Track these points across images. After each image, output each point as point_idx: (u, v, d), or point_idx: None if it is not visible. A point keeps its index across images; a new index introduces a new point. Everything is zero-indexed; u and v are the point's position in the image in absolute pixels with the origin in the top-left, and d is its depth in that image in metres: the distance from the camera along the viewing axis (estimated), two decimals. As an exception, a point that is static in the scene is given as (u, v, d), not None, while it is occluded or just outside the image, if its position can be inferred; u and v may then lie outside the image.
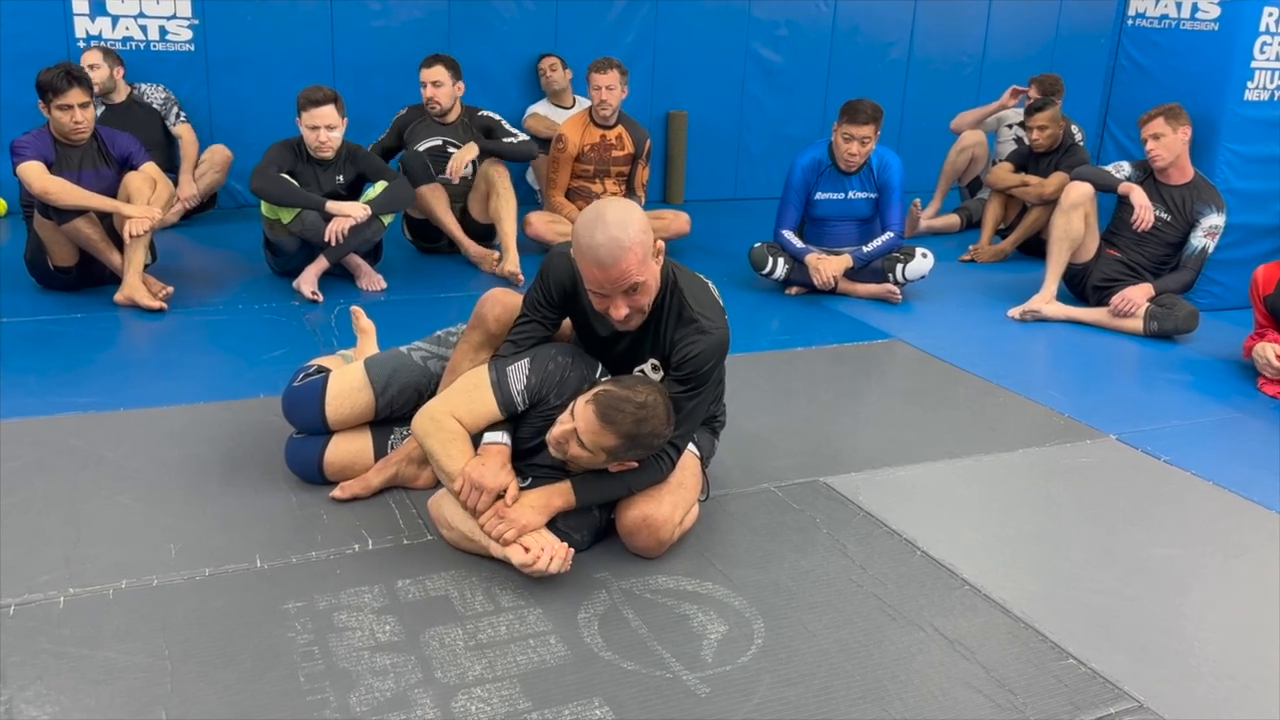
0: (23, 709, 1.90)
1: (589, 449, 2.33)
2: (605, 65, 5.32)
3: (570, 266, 2.49)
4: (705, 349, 2.43)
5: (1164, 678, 2.18)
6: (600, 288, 2.32)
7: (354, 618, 2.23)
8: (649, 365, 2.56)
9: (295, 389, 2.82)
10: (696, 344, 2.42)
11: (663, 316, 2.49)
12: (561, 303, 2.58)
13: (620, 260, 2.26)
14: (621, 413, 2.29)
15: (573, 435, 2.33)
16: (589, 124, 5.40)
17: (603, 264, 2.27)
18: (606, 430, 2.29)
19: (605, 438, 2.30)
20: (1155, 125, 4.55)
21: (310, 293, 4.49)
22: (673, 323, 2.48)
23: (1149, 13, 5.14)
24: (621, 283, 2.30)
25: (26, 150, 4.13)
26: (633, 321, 2.42)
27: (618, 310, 2.35)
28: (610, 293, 2.32)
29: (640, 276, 2.30)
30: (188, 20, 5.89)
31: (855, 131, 4.73)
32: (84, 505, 2.64)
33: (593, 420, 2.30)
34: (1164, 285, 4.64)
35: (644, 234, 2.30)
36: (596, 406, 2.30)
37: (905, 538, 2.70)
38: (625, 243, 2.26)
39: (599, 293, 2.34)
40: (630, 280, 2.29)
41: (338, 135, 4.50)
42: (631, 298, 2.34)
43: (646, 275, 2.33)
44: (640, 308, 2.39)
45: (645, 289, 2.35)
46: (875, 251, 4.87)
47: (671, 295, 2.48)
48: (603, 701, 2.01)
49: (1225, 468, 3.24)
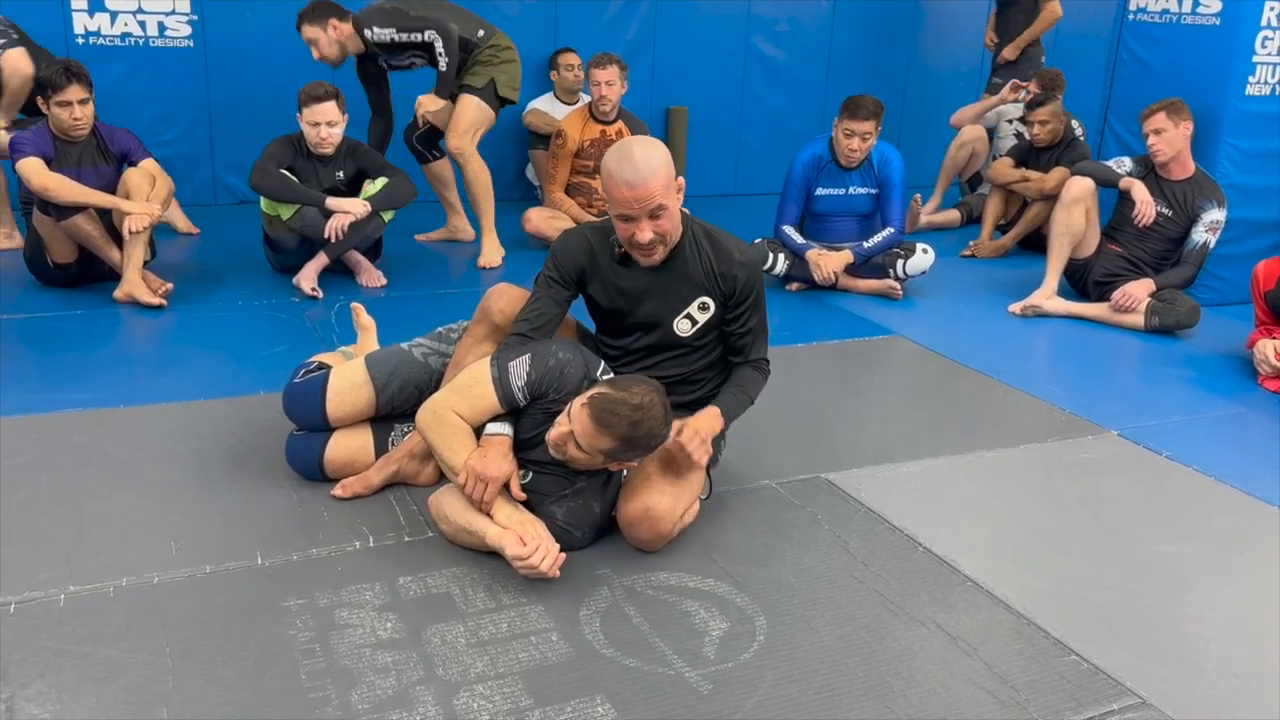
0: (24, 707, 1.90)
1: (586, 451, 2.33)
2: (605, 60, 5.30)
3: (585, 241, 2.68)
4: (753, 270, 2.68)
5: (1166, 674, 2.18)
6: (628, 208, 2.45)
7: (355, 615, 2.22)
8: (696, 306, 2.67)
9: (296, 385, 2.81)
10: (745, 269, 2.65)
11: (689, 257, 2.64)
12: (577, 278, 2.68)
13: (648, 180, 2.42)
14: (617, 415, 2.29)
15: (570, 438, 2.33)
16: (589, 119, 5.39)
17: (631, 183, 2.42)
18: (603, 433, 2.29)
19: (602, 440, 2.30)
20: (1157, 120, 4.54)
21: (310, 289, 4.49)
22: (707, 260, 2.64)
23: (1150, 7, 5.13)
24: (648, 202, 2.44)
25: (25, 146, 4.13)
26: (657, 253, 2.56)
27: (643, 232, 2.48)
28: (638, 214, 2.46)
29: (664, 200, 2.46)
30: (186, 16, 5.87)
31: (856, 127, 4.72)
32: (84, 502, 2.64)
33: (588, 424, 2.30)
34: (1165, 280, 4.63)
35: (667, 163, 2.48)
36: (592, 410, 2.30)
37: (907, 534, 2.70)
38: (653, 163, 2.44)
39: (626, 215, 2.47)
40: (655, 200, 2.44)
41: (338, 132, 4.49)
42: (656, 221, 2.48)
43: (670, 201, 2.48)
44: (663, 234, 2.52)
45: (669, 215, 2.50)
46: (875, 247, 4.87)
47: (695, 237, 2.65)
48: (605, 698, 2.01)
49: (1227, 463, 3.24)
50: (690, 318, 2.68)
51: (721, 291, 2.66)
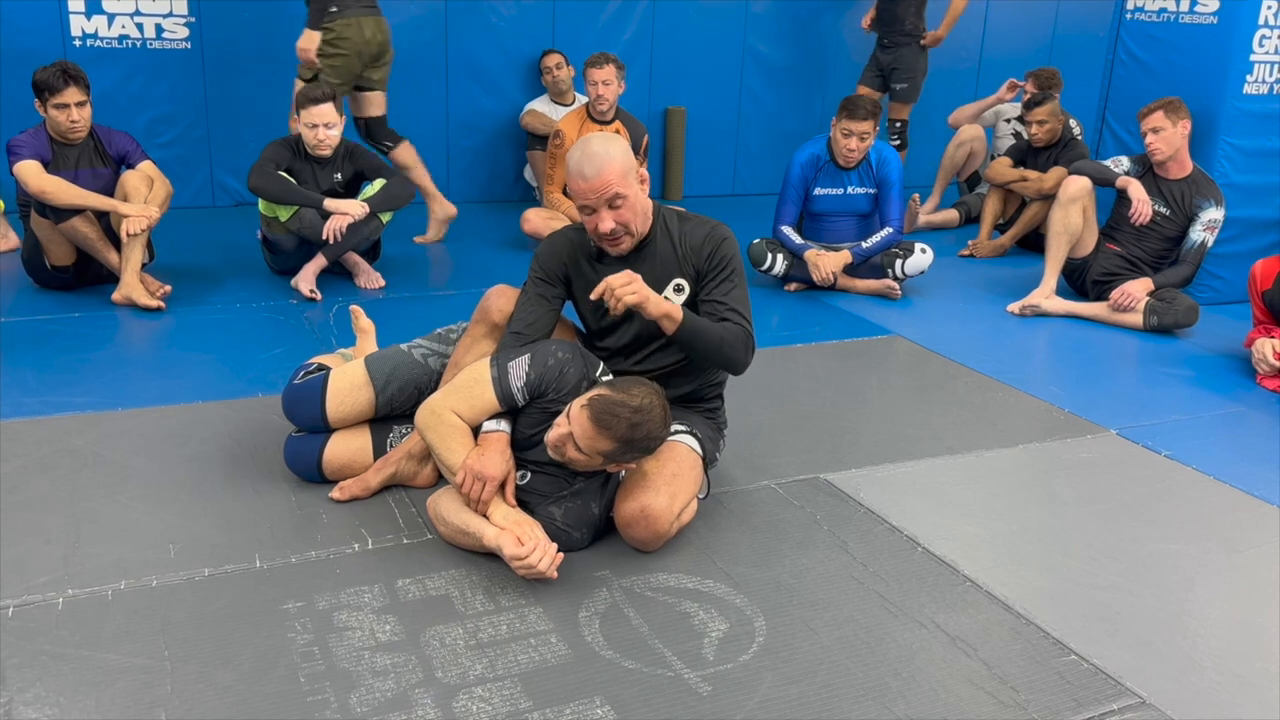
0: (22, 711, 1.90)
1: (585, 453, 2.33)
2: (601, 60, 5.30)
3: (566, 240, 2.71)
4: (728, 239, 2.67)
5: (1166, 674, 2.18)
6: (585, 198, 2.50)
7: (354, 617, 2.22)
8: (671, 288, 2.66)
9: (295, 387, 2.81)
10: (719, 239, 2.65)
11: (660, 244, 2.65)
12: (562, 276, 2.70)
13: (602, 170, 2.46)
14: (617, 417, 2.28)
15: (569, 439, 2.33)
16: (586, 119, 5.39)
17: (585, 175, 2.47)
18: (602, 435, 2.29)
19: (601, 442, 2.30)
20: (1155, 119, 4.54)
21: (309, 291, 4.48)
22: (679, 239, 2.66)
23: (1148, 7, 5.13)
24: (604, 191, 2.47)
25: (23, 149, 4.12)
26: (623, 243, 2.58)
27: (604, 222, 2.51)
28: (596, 204, 2.50)
29: (621, 189, 2.49)
30: (184, 18, 5.87)
31: (854, 127, 4.73)
32: (82, 505, 2.64)
33: (588, 425, 2.30)
34: (1163, 279, 4.63)
35: (625, 154, 2.53)
36: (591, 411, 2.30)
37: (906, 534, 2.70)
38: (609, 153, 2.49)
39: (586, 206, 2.51)
40: (612, 190, 2.47)
41: (336, 133, 4.49)
42: (616, 211, 2.51)
43: (628, 191, 2.51)
44: (625, 223, 2.54)
45: (629, 204, 2.52)
46: (874, 247, 4.87)
47: (665, 223, 2.68)
48: (604, 700, 2.00)
49: (1226, 462, 3.24)
50: (669, 299, 2.62)
51: (694, 267, 2.64)
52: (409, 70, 6.33)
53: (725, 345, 2.57)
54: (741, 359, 2.62)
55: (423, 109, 6.42)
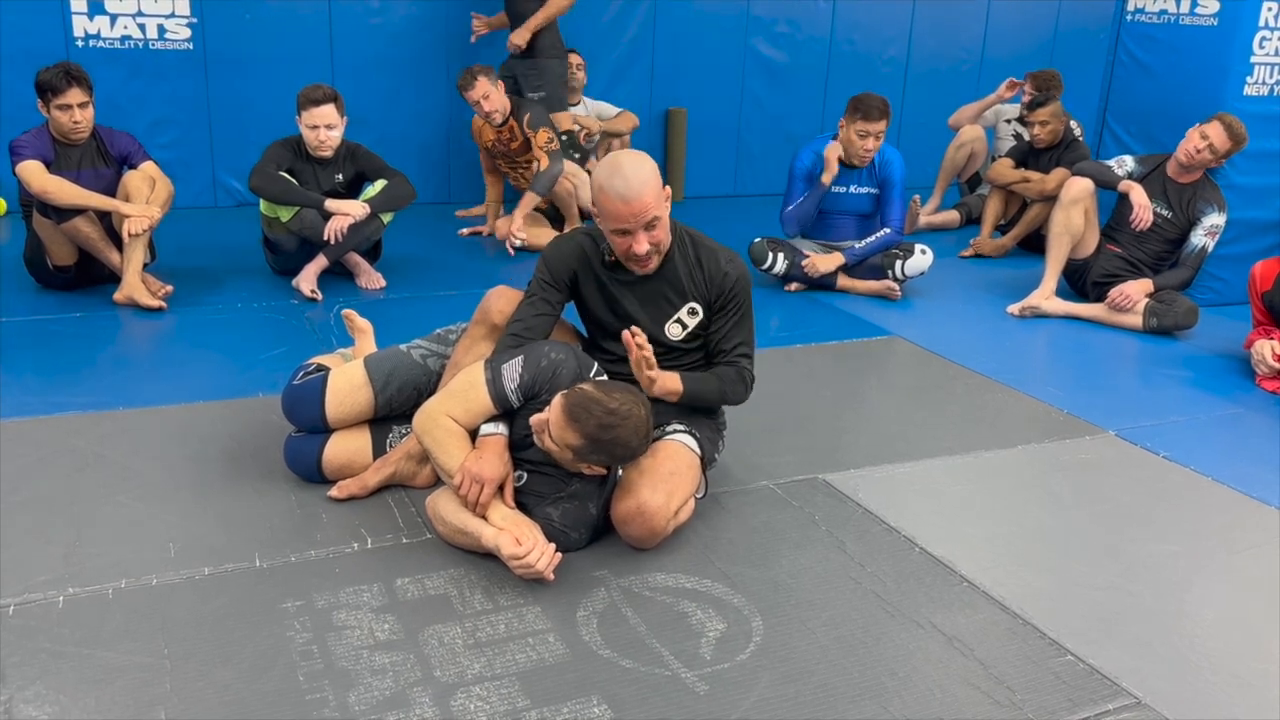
0: (22, 709, 1.90)
1: (555, 443, 2.35)
2: (469, 81, 5.25)
3: (576, 245, 2.72)
4: (741, 274, 2.72)
5: (1163, 674, 2.18)
6: (624, 223, 2.50)
7: (353, 616, 2.23)
8: (686, 311, 2.71)
9: (295, 387, 2.82)
10: (732, 274, 2.70)
11: (678, 263, 2.69)
12: (569, 281, 2.71)
13: (642, 193, 2.47)
14: (589, 413, 2.30)
15: (546, 426, 2.35)
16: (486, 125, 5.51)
17: (626, 198, 2.46)
18: (570, 427, 2.31)
19: (569, 435, 2.32)
20: (1217, 134, 4.50)
21: (309, 291, 4.49)
22: (695, 265, 2.70)
23: (1148, 8, 5.13)
24: (643, 216, 2.49)
25: (25, 149, 4.13)
26: (651, 262, 2.61)
27: (639, 244, 2.53)
28: (634, 227, 2.51)
29: (658, 211, 2.52)
30: (186, 19, 5.88)
31: (871, 128, 4.71)
32: (83, 504, 2.65)
33: (560, 415, 2.32)
34: (1163, 281, 4.63)
35: (656, 175, 2.54)
36: (566, 401, 2.33)
37: (904, 534, 2.71)
38: (644, 176, 2.49)
39: (622, 229, 2.52)
40: (650, 213, 2.49)
41: (337, 134, 4.50)
42: (651, 233, 2.53)
43: (663, 212, 2.54)
44: (658, 244, 2.58)
45: (662, 225, 2.56)
46: (869, 248, 4.87)
47: (682, 242, 2.71)
48: (601, 699, 2.01)
49: (1225, 463, 3.24)
50: (681, 322, 2.72)
51: (705, 296, 2.70)
52: (412, 73, 6.35)
53: (726, 395, 2.75)
54: (742, 398, 2.79)
55: (424, 111, 6.43)
